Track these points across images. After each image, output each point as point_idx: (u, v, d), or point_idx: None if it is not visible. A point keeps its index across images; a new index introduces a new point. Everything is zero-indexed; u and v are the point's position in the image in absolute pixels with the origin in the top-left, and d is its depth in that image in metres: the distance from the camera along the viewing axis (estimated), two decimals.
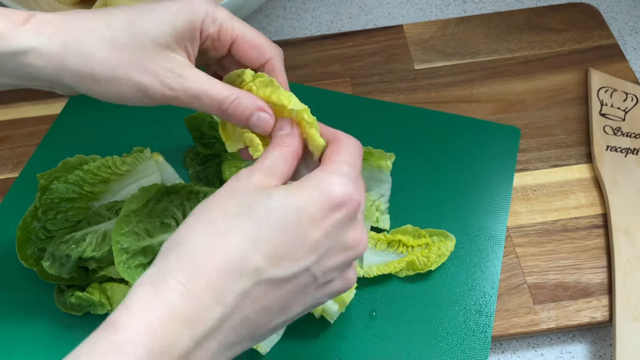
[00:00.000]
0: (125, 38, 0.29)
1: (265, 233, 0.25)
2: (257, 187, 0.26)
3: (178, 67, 0.30)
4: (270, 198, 0.26)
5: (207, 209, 0.26)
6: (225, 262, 0.24)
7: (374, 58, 0.53)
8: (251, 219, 0.25)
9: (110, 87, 0.29)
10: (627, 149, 0.46)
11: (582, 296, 0.40)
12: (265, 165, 0.27)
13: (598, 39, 0.53)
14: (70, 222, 0.41)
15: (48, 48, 0.28)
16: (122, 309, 0.24)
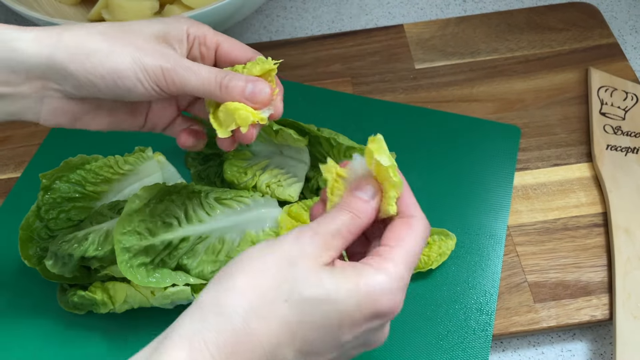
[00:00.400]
0: (120, 31, 0.31)
1: (304, 329, 0.24)
2: (314, 264, 0.25)
3: (172, 51, 0.31)
4: (321, 288, 0.25)
5: (259, 269, 0.25)
6: (260, 347, 0.24)
7: (375, 57, 0.53)
8: (296, 309, 0.24)
9: (106, 60, 0.29)
10: (627, 147, 0.46)
11: (582, 295, 0.40)
12: (329, 231, 0.26)
13: (598, 38, 0.53)
14: (72, 221, 0.41)
15: (43, 36, 0.29)
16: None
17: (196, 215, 0.38)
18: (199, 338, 0.24)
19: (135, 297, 0.38)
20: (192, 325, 0.24)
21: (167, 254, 0.37)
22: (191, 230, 0.38)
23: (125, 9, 0.52)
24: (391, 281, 0.25)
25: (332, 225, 0.26)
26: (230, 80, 0.31)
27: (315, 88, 0.51)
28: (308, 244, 0.26)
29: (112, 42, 0.30)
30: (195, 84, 0.31)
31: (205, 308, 0.25)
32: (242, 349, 0.24)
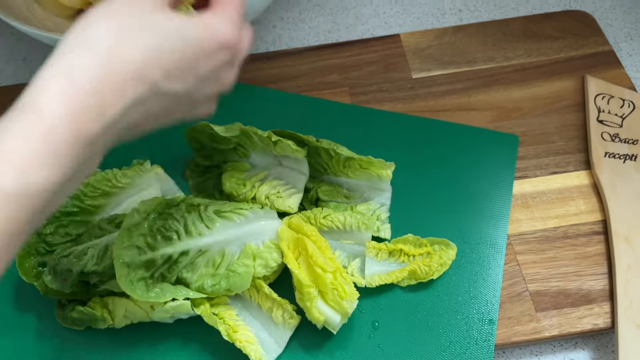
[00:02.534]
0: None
1: (165, 51, 0.28)
2: (162, 6, 0.28)
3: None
4: (171, 21, 0.28)
5: (114, 7, 0.27)
6: (131, 68, 0.27)
7: (372, 67, 0.53)
8: (155, 35, 0.27)
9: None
10: (625, 155, 0.46)
11: (584, 303, 0.40)
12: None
13: (594, 46, 0.54)
14: (70, 235, 0.41)
15: None
16: (42, 90, 0.25)
17: (196, 228, 0.38)
18: (70, 70, 0.26)
19: (135, 312, 0.38)
20: (63, 60, 0.26)
21: (167, 268, 0.37)
22: (191, 244, 0.38)
23: None
24: (225, 18, 0.30)
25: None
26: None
27: (313, 98, 0.51)
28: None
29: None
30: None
31: (71, 44, 0.26)
32: (112, 73, 0.26)
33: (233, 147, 0.45)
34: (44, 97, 0.25)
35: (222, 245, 0.39)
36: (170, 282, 0.38)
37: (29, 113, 0.25)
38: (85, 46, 0.26)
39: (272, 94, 0.52)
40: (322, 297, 0.38)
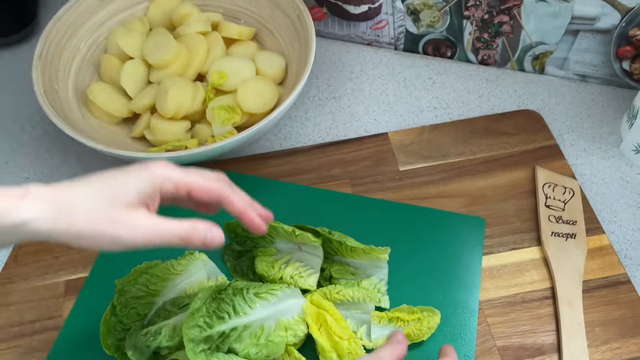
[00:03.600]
0: (101, 203, 0.38)
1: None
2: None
3: (142, 218, 0.38)
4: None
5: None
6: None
7: (366, 162, 0.66)
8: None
9: (90, 241, 0.37)
10: (567, 234, 0.59)
11: (538, 354, 0.52)
12: (380, 356, 0.42)
13: (542, 141, 0.67)
14: (140, 315, 0.52)
15: (43, 217, 0.36)
16: None
17: (241, 308, 0.50)
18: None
19: None
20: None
21: (221, 341, 0.48)
22: (238, 322, 0.49)
23: (163, 130, 0.64)
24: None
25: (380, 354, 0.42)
26: (193, 235, 0.39)
27: (321, 190, 0.64)
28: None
29: (95, 224, 0.37)
30: (161, 244, 0.39)
31: None
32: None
33: (262, 236, 0.57)
34: None
35: (261, 321, 0.50)
36: (223, 351, 0.49)
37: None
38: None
39: (289, 187, 0.64)
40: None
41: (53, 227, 0.36)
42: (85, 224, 0.37)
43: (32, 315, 0.55)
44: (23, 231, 0.36)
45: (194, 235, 0.39)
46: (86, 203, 0.37)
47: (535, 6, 0.68)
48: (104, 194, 0.38)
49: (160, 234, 0.38)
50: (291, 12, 0.70)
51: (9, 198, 0.36)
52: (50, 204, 0.36)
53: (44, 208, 0.36)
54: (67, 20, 0.69)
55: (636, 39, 0.68)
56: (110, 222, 0.37)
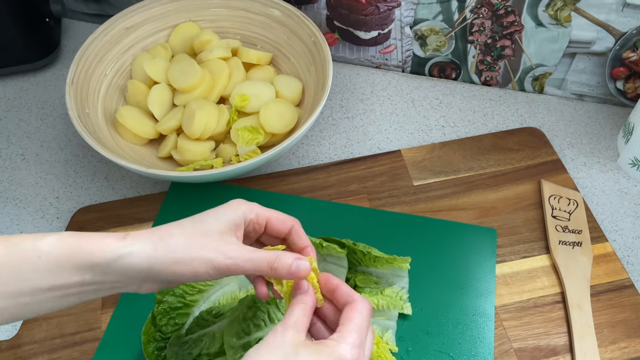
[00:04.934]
0: (195, 232, 0.41)
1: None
2: (290, 343, 0.37)
3: (234, 245, 0.41)
4: (300, 357, 0.36)
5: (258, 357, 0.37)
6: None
7: (382, 178, 0.70)
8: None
9: (187, 266, 0.40)
10: (573, 242, 0.63)
11: (552, 355, 0.56)
12: (292, 322, 0.39)
13: (545, 156, 0.72)
14: (177, 325, 0.55)
15: (143, 249, 0.39)
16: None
17: (276, 316, 0.53)
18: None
19: None
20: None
21: None
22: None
23: (191, 151, 0.68)
24: (349, 343, 0.37)
25: (292, 318, 0.39)
26: (279, 262, 0.41)
27: (340, 204, 0.68)
28: (283, 334, 0.38)
29: (191, 250, 0.40)
30: (250, 269, 0.41)
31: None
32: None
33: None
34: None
35: None
36: None
37: None
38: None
39: (310, 202, 0.68)
40: None
41: (153, 255, 0.39)
42: (183, 249, 0.40)
43: (71, 327, 0.58)
44: (120, 267, 0.39)
45: (281, 262, 0.41)
46: (182, 234, 0.41)
47: (535, 31, 0.73)
48: (198, 226, 0.41)
49: (251, 259, 0.41)
50: (307, 38, 0.75)
51: (113, 237, 0.39)
52: (150, 237, 0.40)
53: (144, 241, 0.39)
54: (95, 48, 0.73)
55: (629, 61, 0.73)
56: (205, 248, 0.40)
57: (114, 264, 0.39)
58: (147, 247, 0.39)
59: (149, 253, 0.39)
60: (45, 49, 0.84)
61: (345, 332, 0.38)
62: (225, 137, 0.71)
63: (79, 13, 0.92)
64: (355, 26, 0.80)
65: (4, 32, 0.78)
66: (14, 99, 0.82)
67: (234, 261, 0.40)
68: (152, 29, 0.79)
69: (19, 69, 0.83)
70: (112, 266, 0.39)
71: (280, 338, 0.38)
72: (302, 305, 0.40)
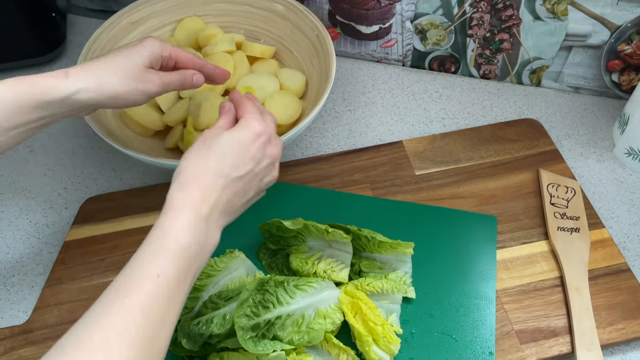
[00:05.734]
0: (126, 69, 0.51)
1: (227, 155, 0.47)
2: (215, 134, 0.49)
3: (154, 75, 0.53)
4: (222, 137, 0.48)
5: (194, 149, 0.48)
6: (212, 174, 0.46)
7: (385, 167, 0.72)
8: (217, 150, 0.47)
9: (127, 98, 0.51)
10: (571, 228, 0.65)
11: (552, 336, 0.57)
12: (219, 125, 0.51)
13: (543, 146, 0.74)
14: (188, 309, 0.56)
15: (88, 86, 0.48)
16: (171, 220, 0.44)
17: (284, 299, 0.54)
18: (184, 199, 0.45)
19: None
20: (178, 193, 0.46)
21: (267, 329, 0.53)
22: (282, 311, 0.53)
23: None
24: (252, 118, 0.51)
25: (220, 123, 0.52)
26: (184, 78, 0.57)
27: (344, 193, 0.69)
28: (212, 131, 0.50)
29: (129, 86, 0.51)
30: (170, 89, 0.55)
31: (176, 184, 0.46)
32: (206, 179, 0.46)
33: (294, 235, 0.62)
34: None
35: (302, 310, 0.54)
36: (269, 338, 0.53)
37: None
38: (194, 179, 0.46)
39: (314, 191, 0.69)
40: (375, 344, 0.54)
41: (97, 93, 0.49)
42: (122, 86, 0.50)
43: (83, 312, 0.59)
44: (72, 102, 0.48)
45: (186, 78, 0.56)
46: (118, 72, 0.50)
47: (533, 25, 0.75)
48: (127, 63, 0.51)
49: (168, 82, 0.54)
50: (310, 32, 0.76)
51: (55, 78, 0.47)
52: (91, 77, 0.49)
53: (87, 81, 0.48)
54: (102, 41, 0.74)
55: (624, 54, 0.75)
56: (140, 81, 0.51)
57: (66, 100, 0.48)
58: (91, 85, 0.49)
59: (95, 90, 0.49)
60: (51, 44, 0.85)
61: (246, 115, 0.51)
62: None
63: (83, 9, 0.93)
64: (357, 20, 0.82)
65: (12, 26, 0.79)
66: None
67: (159, 88, 0.53)
68: (157, 23, 0.80)
69: (26, 62, 0.84)
70: (65, 102, 0.48)
71: (210, 133, 0.49)
72: (225, 117, 0.52)
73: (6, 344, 0.57)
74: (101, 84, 0.49)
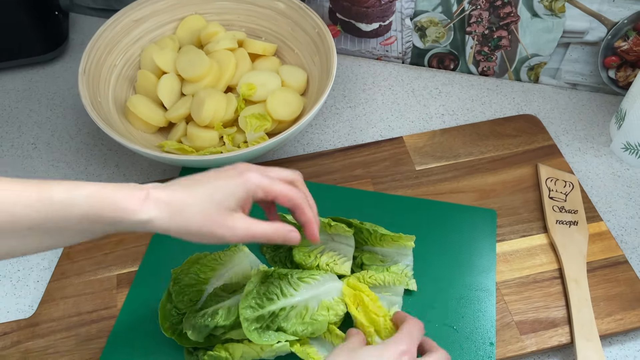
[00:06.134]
0: (209, 208, 0.45)
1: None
2: (358, 345, 0.49)
3: (240, 221, 0.46)
4: (368, 351, 0.46)
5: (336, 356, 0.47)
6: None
7: (386, 163, 0.73)
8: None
9: (199, 238, 0.45)
10: (569, 221, 0.66)
11: (551, 327, 0.58)
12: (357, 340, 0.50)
13: (541, 141, 0.75)
14: (192, 301, 0.57)
15: (162, 218, 0.43)
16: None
17: (288, 291, 0.55)
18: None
19: (249, 352, 0.54)
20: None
21: (271, 320, 0.53)
22: (286, 303, 0.54)
23: (200, 137, 0.70)
24: (404, 341, 0.47)
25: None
26: (276, 236, 0.48)
27: (346, 188, 0.70)
28: (353, 343, 0.49)
29: (205, 227, 0.45)
30: (251, 242, 0.49)
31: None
32: None
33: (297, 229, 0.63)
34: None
35: (306, 302, 0.55)
36: (273, 330, 0.54)
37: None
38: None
39: (316, 186, 0.70)
40: (378, 334, 0.55)
41: (169, 225, 0.44)
42: (197, 225, 0.44)
43: (88, 306, 0.60)
44: (145, 227, 0.44)
45: (277, 235, 0.48)
46: (197, 207, 0.45)
47: (531, 22, 0.76)
48: (211, 199, 0.45)
49: (253, 234, 0.46)
50: (311, 29, 0.77)
51: (134, 200, 0.43)
52: (168, 207, 0.44)
53: (162, 210, 0.44)
54: (105, 39, 0.75)
55: (621, 50, 0.76)
56: (216, 225, 0.45)
57: (135, 225, 0.44)
58: (164, 216, 0.44)
59: (167, 223, 0.44)
60: (54, 42, 0.86)
61: (399, 334, 0.48)
62: (234, 125, 0.73)
63: (85, 8, 0.94)
64: (357, 18, 0.83)
65: (14, 25, 0.80)
66: (24, 90, 0.84)
67: (239, 238, 0.46)
68: (160, 21, 0.81)
69: (29, 61, 0.85)
70: (133, 226, 0.44)
71: (350, 344, 0.48)
72: (356, 337, 0.51)
73: (13, 337, 0.58)
74: (176, 218, 0.44)
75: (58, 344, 0.57)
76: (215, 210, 0.45)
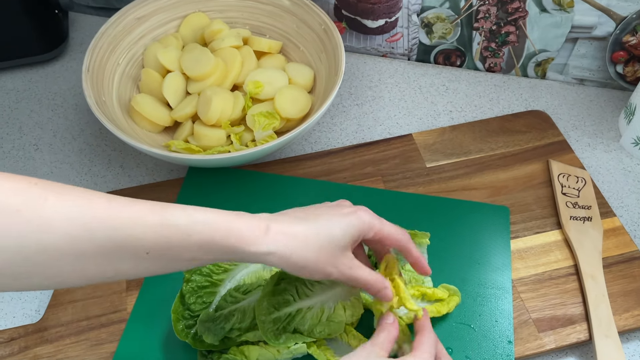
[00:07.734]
0: (325, 247, 0.45)
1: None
2: (375, 357, 0.46)
3: (348, 261, 0.47)
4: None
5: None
6: None
7: (396, 160, 0.72)
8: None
9: (311, 274, 0.45)
10: (583, 217, 0.65)
11: (569, 324, 0.58)
12: (379, 341, 0.47)
13: (551, 137, 0.74)
14: (205, 303, 0.56)
15: (281, 252, 0.43)
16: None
17: (304, 292, 0.54)
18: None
19: (265, 355, 0.53)
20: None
21: (287, 322, 0.52)
22: (302, 304, 0.53)
23: (207, 136, 0.69)
24: (423, 357, 0.46)
25: (379, 339, 0.47)
26: (372, 287, 0.48)
27: (356, 186, 0.69)
28: (371, 348, 0.47)
29: (319, 266, 0.45)
30: (349, 283, 0.49)
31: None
32: None
33: None
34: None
35: (322, 303, 0.54)
36: (289, 331, 0.53)
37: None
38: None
39: (326, 185, 0.69)
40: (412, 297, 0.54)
41: (288, 260, 0.43)
42: (314, 261, 0.44)
43: (97, 310, 0.58)
44: (259, 259, 0.43)
45: (374, 286, 0.49)
46: (317, 243, 0.44)
47: (539, 17, 0.76)
48: (327, 237, 0.45)
49: (356, 278, 0.47)
50: (317, 26, 0.76)
51: (256, 231, 0.42)
52: (291, 241, 0.43)
53: (285, 244, 0.43)
54: (108, 37, 0.73)
55: (629, 45, 0.76)
56: (329, 263, 0.45)
57: (249, 257, 0.43)
58: (285, 252, 0.43)
59: (286, 259, 0.43)
60: (54, 41, 0.84)
61: (419, 352, 0.47)
62: (241, 123, 0.72)
63: (85, 7, 0.92)
64: (363, 15, 0.82)
65: (14, 24, 0.78)
66: (24, 90, 0.82)
67: (343, 277, 0.47)
68: (162, 19, 0.79)
69: (28, 60, 0.83)
70: (247, 258, 0.43)
71: (368, 351, 0.46)
72: (387, 332, 0.48)
73: (20, 342, 0.56)
74: (293, 256, 0.43)
75: (67, 349, 0.56)
76: (331, 247, 0.45)
